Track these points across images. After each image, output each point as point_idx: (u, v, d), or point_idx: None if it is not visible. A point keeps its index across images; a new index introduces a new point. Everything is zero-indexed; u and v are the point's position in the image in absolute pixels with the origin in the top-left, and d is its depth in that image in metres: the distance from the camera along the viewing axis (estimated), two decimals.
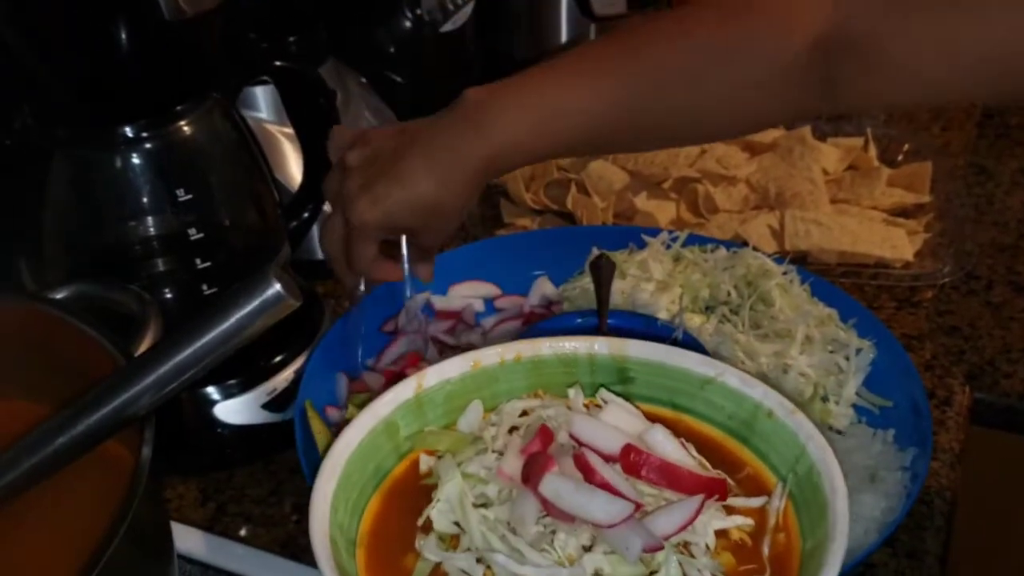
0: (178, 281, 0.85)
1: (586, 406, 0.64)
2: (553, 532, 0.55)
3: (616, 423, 0.61)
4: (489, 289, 1.04)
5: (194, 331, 0.55)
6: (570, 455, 0.58)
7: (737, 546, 0.57)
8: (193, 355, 0.55)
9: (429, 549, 0.56)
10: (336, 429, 0.85)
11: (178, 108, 0.82)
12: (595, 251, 0.98)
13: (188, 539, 0.83)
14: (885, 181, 1.19)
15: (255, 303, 0.54)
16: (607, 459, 0.58)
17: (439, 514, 0.58)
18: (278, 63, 0.90)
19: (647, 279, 0.99)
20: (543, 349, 0.67)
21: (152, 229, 0.83)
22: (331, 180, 0.85)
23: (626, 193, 1.18)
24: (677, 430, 0.62)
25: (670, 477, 0.58)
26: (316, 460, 0.81)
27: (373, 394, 0.88)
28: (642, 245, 1.03)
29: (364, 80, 1.19)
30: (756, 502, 0.59)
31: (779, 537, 0.58)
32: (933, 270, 1.07)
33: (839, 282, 1.02)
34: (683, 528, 0.55)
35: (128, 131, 0.80)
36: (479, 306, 1.02)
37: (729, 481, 0.60)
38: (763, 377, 0.86)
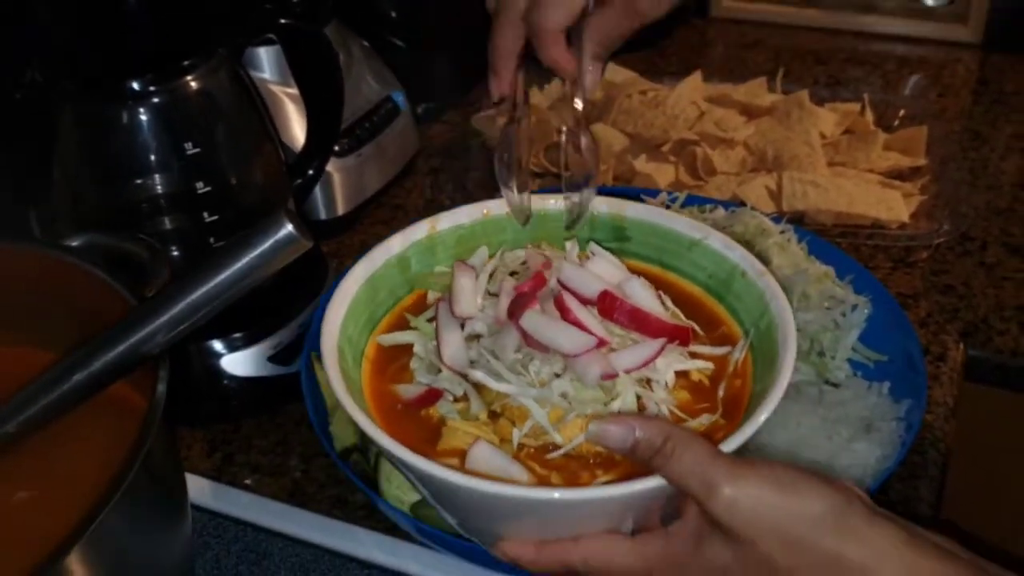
0: (186, 237, 0.86)
1: (579, 258, 0.71)
2: (530, 359, 0.63)
3: (600, 272, 0.67)
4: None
5: (208, 271, 0.57)
6: (552, 298, 0.65)
7: (695, 386, 0.65)
8: (207, 294, 0.57)
9: (420, 373, 0.66)
10: None
11: (185, 63, 0.83)
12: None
13: (196, 488, 0.85)
14: (881, 145, 1.20)
15: (268, 243, 0.55)
16: (586, 302, 0.65)
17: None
18: (283, 20, 0.90)
19: None
20: (549, 204, 0.75)
21: (160, 186, 0.84)
22: None
23: (626, 155, 1.19)
24: (662, 285, 0.70)
25: (639, 322, 0.64)
26: (322, 411, 0.83)
27: None
28: None
29: (367, 44, 1.20)
30: (719, 351, 0.67)
31: (735, 382, 0.65)
32: (928, 231, 1.08)
33: (836, 242, 1.03)
34: (643, 365, 0.62)
35: (135, 85, 0.81)
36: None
37: (696, 329, 0.68)
38: None
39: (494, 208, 0.74)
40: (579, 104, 0.75)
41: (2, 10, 0.81)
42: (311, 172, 0.97)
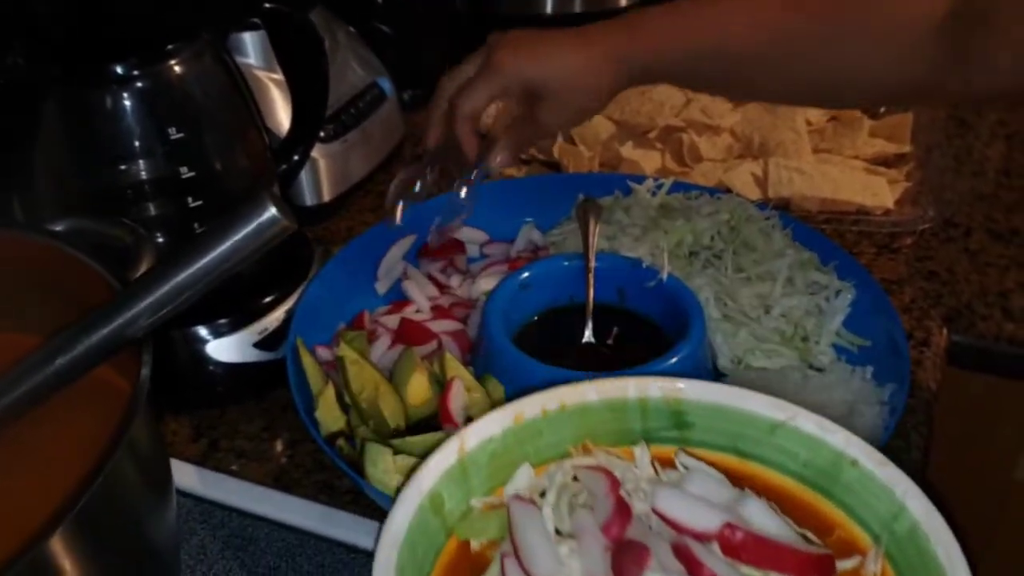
0: (170, 223, 0.86)
1: (654, 464, 0.58)
2: None
3: (704, 494, 0.54)
4: (477, 235, 1.05)
5: (191, 254, 0.56)
6: (664, 541, 0.52)
7: None
8: (190, 277, 0.57)
9: None
10: (326, 367, 0.86)
11: (169, 47, 0.82)
12: (581, 196, 1.00)
13: (181, 473, 0.85)
14: (867, 132, 1.20)
15: (251, 226, 0.55)
16: (702, 538, 0.51)
17: None
18: (268, 5, 0.90)
19: (632, 225, 1.00)
20: (589, 395, 0.60)
21: (144, 171, 0.84)
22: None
23: (612, 142, 1.20)
24: (744, 480, 0.56)
25: (775, 559, 0.51)
26: (308, 397, 0.83)
27: (361, 333, 0.89)
28: (628, 192, 1.05)
29: (352, 30, 1.20)
30: (848, 564, 0.53)
31: None
32: (913, 217, 1.09)
33: (821, 228, 1.04)
34: None
35: (119, 69, 0.80)
36: (472, 251, 1.04)
37: (833, 556, 0.53)
38: (744, 317, 0.89)
39: (527, 410, 0.59)
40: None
41: None
42: (296, 158, 0.97)
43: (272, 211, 0.55)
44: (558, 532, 0.54)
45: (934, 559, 0.50)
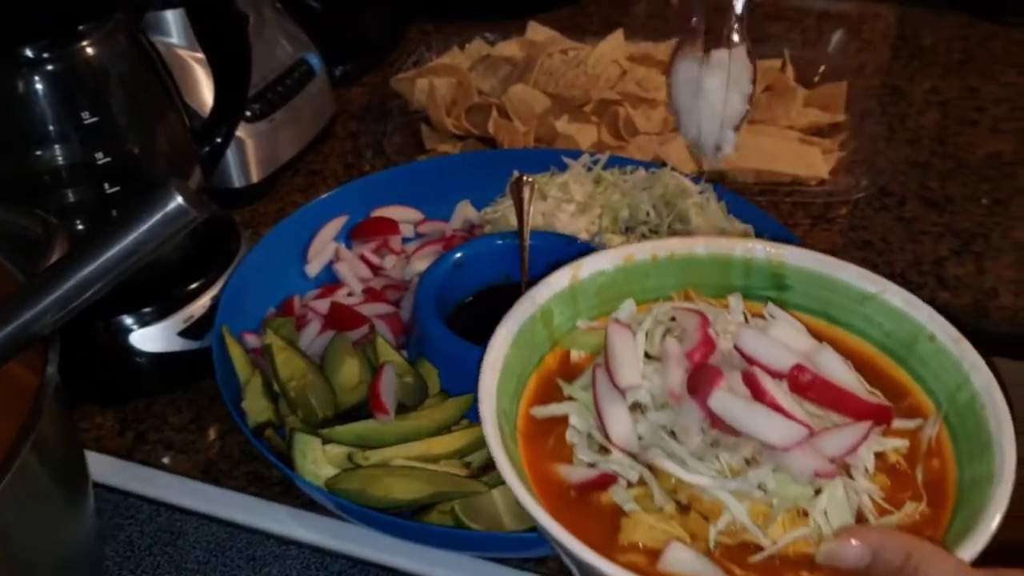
0: (88, 210, 0.83)
1: (745, 314, 0.63)
2: (715, 443, 0.54)
3: (784, 339, 0.59)
4: (411, 214, 1.03)
5: (96, 247, 0.54)
6: (737, 370, 0.56)
7: (892, 469, 0.56)
8: (95, 271, 0.54)
9: (581, 450, 0.56)
10: (254, 354, 0.85)
11: (80, 28, 0.79)
12: (516, 174, 0.98)
13: (107, 468, 0.83)
14: (801, 101, 1.20)
15: (157, 216, 0.53)
16: (775, 376, 0.56)
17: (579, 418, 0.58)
18: None
19: (568, 201, 0.99)
20: (697, 248, 0.66)
21: (58, 157, 0.81)
22: None
23: (547, 117, 1.18)
24: (831, 343, 0.60)
25: (838, 401, 0.56)
26: (235, 386, 0.81)
27: (289, 320, 0.88)
28: (563, 168, 1.03)
29: (279, 5, 1.17)
30: (910, 424, 0.58)
31: (932, 463, 0.56)
32: (847, 187, 1.08)
33: (756, 200, 1.03)
34: (848, 453, 0.54)
35: (29, 52, 0.77)
36: (407, 230, 1.02)
37: (892, 408, 0.58)
38: None
39: (637, 253, 0.65)
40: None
41: None
42: (219, 139, 0.95)
43: (178, 200, 0.53)
44: (648, 356, 0.59)
45: (985, 426, 0.55)
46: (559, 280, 0.63)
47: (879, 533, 0.51)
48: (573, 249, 0.89)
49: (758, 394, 0.54)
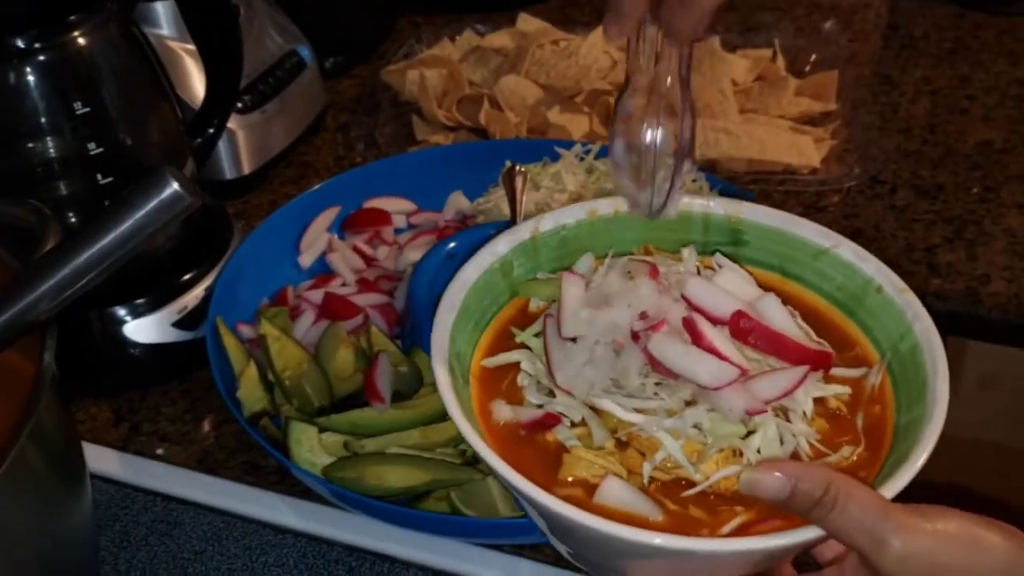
0: (80, 201, 0.83)
1: (698, 266, 0.64)
2: (657, 384, 0.57)
3: (729, 288, 0.60)
4: (404, 205, 1.03)
5: (91, 234, 0.54)
6: (680, 316, 0.58)
7: (832, 415, 0.58)
8: (91, 258, 0.54)
9: (531, 393, 0.58)
10: (249, 345, 0.84)
11: (72, 18, 0.79)
12: (508, 164, 0.98)
13: (102, 459, 0.83)
14: (793, 91, 1.20)
15: (152, 203, 0.53)
16: (716, 322, 0.58)
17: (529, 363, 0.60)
18: None
19: (560, 190, 0.99)
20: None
21: (52, 148, 0.81)
22: None
23: (539, 107, 1.18)
24: (784, 297, 0.62)
25: (777, 346, 0.58)
26: (230, 376, 0.81)
27: (283, 310, 0.88)
28: (555, 158, 1.03)
29: None
30: (854, 372, 0.60)
31: (874, 409, 0.58)
32: (839, 175, 1.09)
33: (748, 189, 1.03)
34: (784, 396, 0.56)
35: (20, 42, 0.77)
36: (400, 221, 1.02)
37: (832, 354, 0.60)
38: None
39: (600, 208, 0.66)
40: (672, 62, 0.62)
41: None
42: (211, 131, 0.94)
43: (173, 186, 0.53)
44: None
45: (923, 371, 0.57)
46: (521, 232, 0.65)
47: (799, 465, 0.52)
48: None
49: (696, 338, 0.56)
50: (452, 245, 0.90)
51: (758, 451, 0.54)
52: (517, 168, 0.96)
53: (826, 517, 0.49)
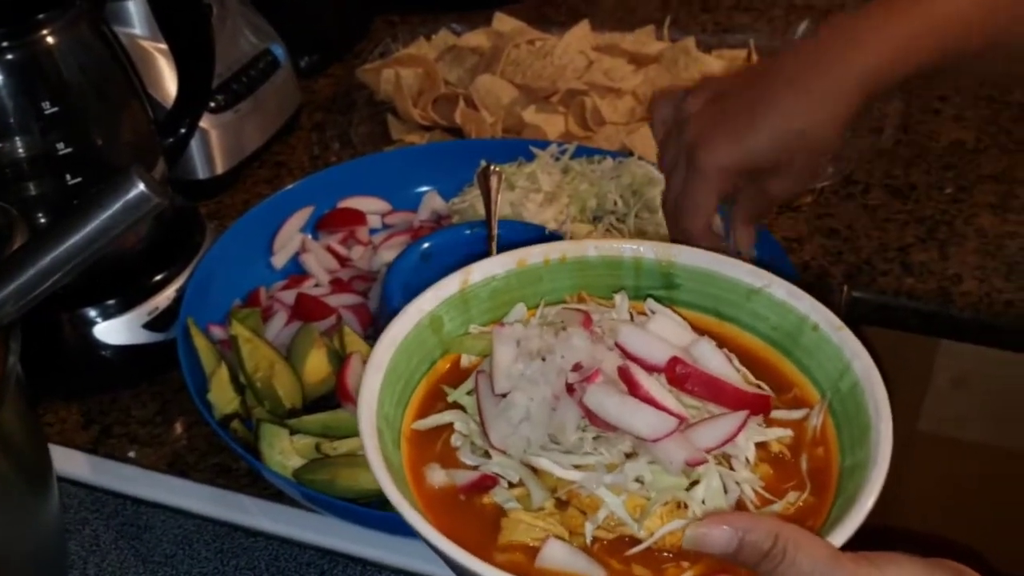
0: (49, 202, 0.82)
1: (631, 312, 0.63)
2: (595, 438, 0.55)
3: (663, 334, 0.59)
4: (379, 204, 1.03)
5: (56, 235, 0.54)
6: (615, 366, 0.56)
7: (776, 459, 0.57)
8: (57, 259, 0.54)
9: (465, 454, 0.56)
10: (220, 346, 0.84)
11: (41, 16, 0.79)
12: (483, 163, 0.98)
13: (71, 462, 0.82)
14: None
15: (118, 204, 0.53)
16: (652, 370, 0.57)
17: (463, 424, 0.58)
18: None
19: (536, 190, 0.99)
20: (589, 251, 0.66)
21: (20, 148, 0.80)
22: (668, 140, 0.78)
23: (514, 107, 1.18)
24: (720, 339, 0.61)
25: (715, 391, 0.57)
26: (201, 378, 0.80)
27: (255, 311, 0.87)
28: (531, 158, 1.03)
29: None
30: (796, 415, 0.58)
31: (817, 451, 0.57)
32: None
33: None
34: (725, 443, 0.54)
35: None
36: (374, 221, 1.01)
37: (772, 397, 0.59)
38: None
39: (529, 257, 0.65)
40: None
41: None
42: (183, 130, 0.94)
43: (140, 187, 0.52)
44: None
45: (866, 411, 0.56)
46: (449, 286, 0.63)
47: (746, 517, 0.50)
48: (541, 238, 0.89)
49: (632, 388, 0.55)
50: (427, 245, 0.90)
51: (703, 502, 0.53)
52: (492, 168, 0.96)
53: (775, 570, 0.48)
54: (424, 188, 1.04)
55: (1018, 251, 1.03)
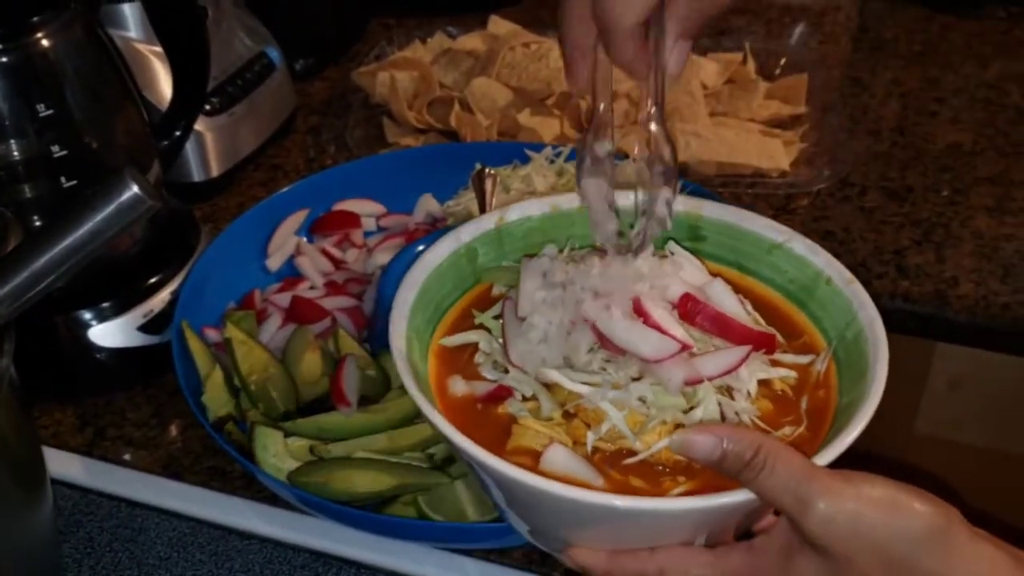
0: (45, 205, 0.82)
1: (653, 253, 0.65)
2: (606, 361, 0.59)
3: (680, 273, 0.63)
4: (374, 207, 1.03)
5: (50, 237, 0.54)
6: (629, 297, 0.60)
7: (777, 397, 0.60)
8: (50, 261, 0.54)
9: (486, 369, 0.61)
10: (215, 349, 0.84)
11: (35, 19, 0.78)
12: (478, 166, 0.98)
13: (66, 464, 0.82)
14: (763, 94, 1.20)
15: (112, 206, 0.53)
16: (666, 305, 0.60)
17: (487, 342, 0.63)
18: None
19: (531, 193, 0.99)
20: (620, 200, 0.66)
21: (15, 151, 0.80)
22: None
23: (510, 110, 1.18)
24: (740, 290, 0.64)
25: (722, 327, 0.60)
26: (196, 381, 0.80)
27: (250, 313, 0.87)
28: (526, 161, 1.03)
29: None
30: (803, 359, 0.62)
31: (818, 394, 0.61)
32: (809, 178, 1.09)
33: (718, 192, 1.03)
34: (727, 373, 0.58)
35: None
36: (369, 224, 1.01)
37: (779, 338, 0.62)
38: None
39: (563, 203, 0.69)
40: (654, 127, 0.64)
41: None
42: (178, 133, 0.94)
43: (133, 189, 0.52)
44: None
45: (866, 356, 0.59)
46: (486, 222, 0.68)
47: (731, 428, 0.53)
48: None
49: (643, 317, 0.58)
50: (421, 248, 0.89)
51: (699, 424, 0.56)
52: (487, 171, 0.96)
53: (755, 479, 0.51)
54: (419, 191, 1.04)
55: (1014, 254, 1.03)
